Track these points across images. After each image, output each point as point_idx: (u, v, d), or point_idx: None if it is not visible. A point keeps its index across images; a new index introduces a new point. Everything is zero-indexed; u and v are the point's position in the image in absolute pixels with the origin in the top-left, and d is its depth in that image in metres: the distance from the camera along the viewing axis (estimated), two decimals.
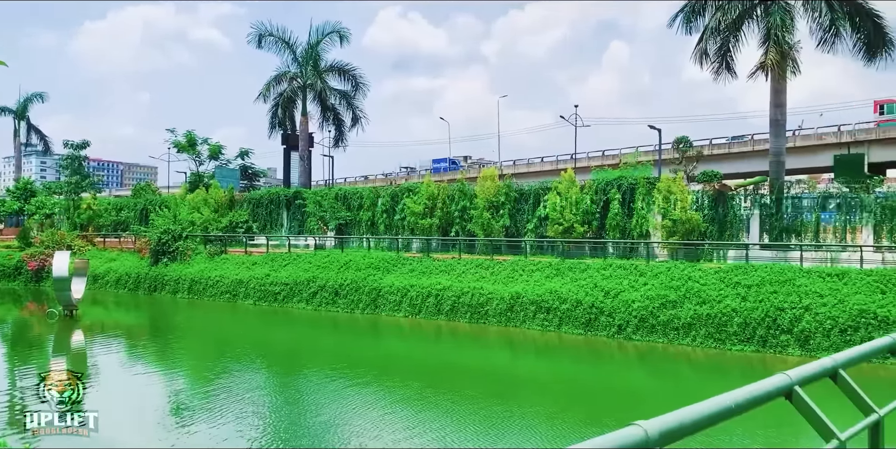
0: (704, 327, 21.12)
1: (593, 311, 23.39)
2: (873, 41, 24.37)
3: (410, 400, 15.53)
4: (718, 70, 26.36)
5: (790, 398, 2.65)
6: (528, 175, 56.07)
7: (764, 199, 25.63)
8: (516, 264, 27.53)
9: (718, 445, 11.32)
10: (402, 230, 34.84)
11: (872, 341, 3.89)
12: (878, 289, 19.86)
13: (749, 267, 22.60)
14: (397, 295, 28.24)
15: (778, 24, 23.77)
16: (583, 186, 29.45)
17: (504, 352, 22.73)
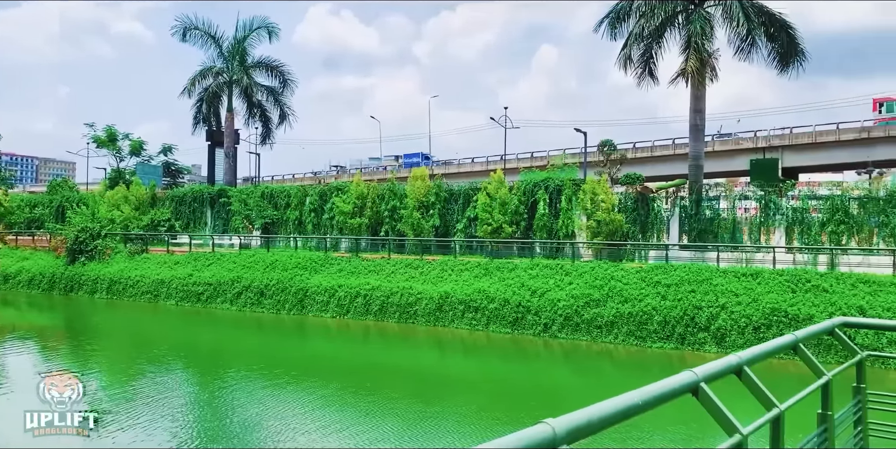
0: (626, 325, 21.68)
1: (520, 310, 23.69)
2: (787, 51, 25.53)
3: (329, 401, 15.38)
4: (642, 75, 27.11)
5: (696, 395, 2.72)
6: (459, 175, 56.35)
7: (683, 202, 26.50)
8: (446, 264, 27.63)
9: (628, 441, 11.61)
10: (331, 230, 34.50)
11: (776, 339, 4.05)
12: (788, 288, 20.78)
13: (669, 267, 23.33)
14: (325, 295, 27.94)
15: (698, 32, 24.65)
16: (511, 187, 29.81)
17: (431, 351, 22.77)
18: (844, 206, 23.52)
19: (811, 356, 4.10)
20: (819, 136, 47.79)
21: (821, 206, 24.17)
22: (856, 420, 4.81)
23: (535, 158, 54.85)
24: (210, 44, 44.30)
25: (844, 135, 46.81)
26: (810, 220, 24.26)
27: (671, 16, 26.31)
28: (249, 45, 44.65)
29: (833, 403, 4.31)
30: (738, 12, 24.53)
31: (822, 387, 4.16)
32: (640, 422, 11.93)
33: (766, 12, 25.41)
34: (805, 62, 25.83)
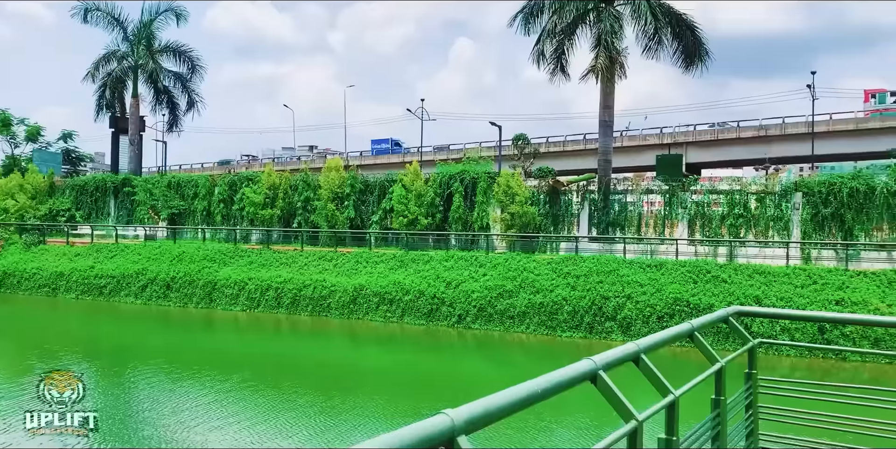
0: (538, 315, 22.14)
1: (435, 301, 23.81)
2: (691, 50, 26.54)
3: (226, 395, 14.95)
4: (554, 71, 27.64)
5: (595, 382, 2.77)
6: (375, 167, 55.99)
7: (593, 195, 27.22)
8: (360, 256, 27.45)
9: (529, 430, 11.84)
10: (241, 221, 33.66)
11: (673, 327, 4.20)
12: (690, 279, 21.71)
13: (578, 258, 23.94)
14: (234, 288, 27.27)
15: (608, 30, 25.31)
16: (428, 180, 29.86)
17: (343, 344, 22.63)
18: (743, 201, 24.69)
19: (706, 344, 4.26)
20: (720, 134, 50.05)
21: (721, 201, 25.29)
22: (747, 404, 5.05)
23: (452, 151, 55.14)
24: (114, 26, 42.33)
25: (744, 133, 49.20)
26: (711, 213, 25.35)
27: (583, 13, 26.90)
28: (156, 28, 42.92)
29: (726, 389, 4.51)
30: (646, 11, 25.33)
31: (716, 373, 4.34)
32: (543, 411, 12.19)
33: (673, 12, 26.34)
34: (708, 61, 26.95)
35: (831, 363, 18.46)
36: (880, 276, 20.05)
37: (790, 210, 23.70)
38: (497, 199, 27.46)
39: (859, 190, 22.46)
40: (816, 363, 18.56)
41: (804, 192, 23.45)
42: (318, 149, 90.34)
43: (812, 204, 23.19)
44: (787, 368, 18.00)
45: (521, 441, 11.38)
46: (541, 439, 11.60)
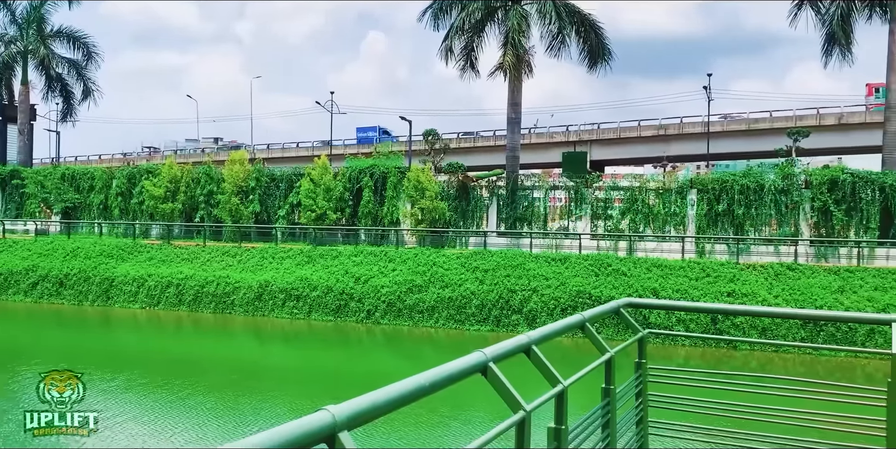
0: (447, 310, 22.30)
1: (343, 297, 23.61)
2: (595, 50, 27.31)
3: (105, 396, 14.23)
4: (464, 68, 27.87)
5: (486, 374, 2.81)
6: (284, 160, 54.90)
7: (501, 191, 27.62)
8: (266, 252, 26.89)
9: (422, 423, 11.87)
10: (141, 215, 32.35)
11: (565, 319, 4.29)
12: (593, 272, 22.37)
13: (487, 253, 24.27)
14: (133, 285, 26.19)
15: (515, 29, 25.70)
16: (336, 174, 29.53)
17: (245, 341, 22.14)
18: (642, 197, 25.61)
19: (596, 335, 4.38)
20: (623, 133, 51.75)
21: (622, 197, 26.16)
22: (637, 392, 5.22)
23: (363, 145, 54.74)
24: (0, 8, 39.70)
25: (645, 132, 51.04)
26: (613, 209, 26.18)
27: (491, 11, 27.21)
28: (47, 12, 40.52)
29: (616, 378, 4.66)
30: (551, 11, 25.88)
31: (606, 363, 4.47)
32: (438, 404, 12.27)
33: (578, 12, 27.00)
34: (611, 61, 27.81)
35: (723, 352, 19.43)
36: (768, 268, 21.25)
37: (686, 206, 24.76)
38: (407, 194, 27.46)
39: (749, 187, 23.70)
40: (709, 352, 19.50)
41: (699, 189, 24.55)
42: (223, 141, 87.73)
43: (706, 200, 24.31)
44: (683, 357, 18.83)
45: (413, 435, 11.39)
46: (434, 433, 11.62)
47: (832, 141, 45.07)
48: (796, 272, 20.86)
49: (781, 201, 23.44)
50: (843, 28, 24.53)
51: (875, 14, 25.11)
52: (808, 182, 23.22)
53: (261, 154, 56.51)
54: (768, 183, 23.54)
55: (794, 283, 20.42)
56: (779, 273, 20.96)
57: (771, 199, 23.48)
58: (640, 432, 5.25)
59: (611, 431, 4.49)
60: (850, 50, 25.22)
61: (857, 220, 22.68)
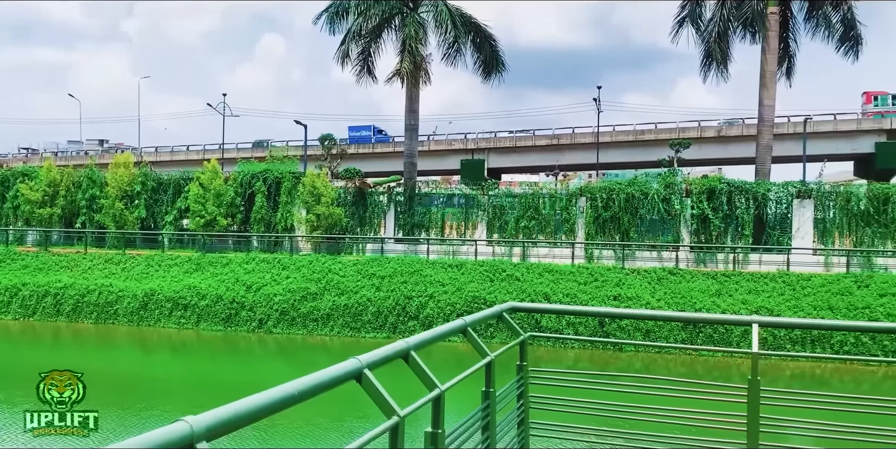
0: (342, 317, 22.07)
1: (234, 306, 22.95)
2: (490, 61, 27.84)
3: None
4: (361, 73, 27.72)
5: (360, 381, 2.79)
6: (173, 164, 52.87)
7: (399, 197, 27.63)
8: (152, 259, 25.80)
9: (296, 430, 11.64)
10: (15, 220, 30.31)
11: (447, 324, 4.33)
12: (488, 277, 22.72)
13: (384, 259, 24.20)
14: (5, 295, 24.54)
15: (412, 36, 25.83)
16: (228, 178, 28.72)
17: (126, 353, 21.12)
18: (535, 204, 26.23)
19: (477, 339, 4.43)
20: (518, 142, 52.99)
21: (516, 204, 26.69)
22: (519, 394, 5.32)
23: (258, 149, 53.51)
24: None
25: (539, 141, 52.45)
26: (507, 215, 26.67)
27: (388, 17, 27.23)
28: None
29: (501, 381, 4.73)
30: (448, 20, 26.18)
31: (486, 366, 4.53)
32: (305, 410, 12.01)
33: (474, 23, 27.44)
34: (505, 72, 28.40)
35: (610, 354, 20.14)
36: (651, 273, 22.22)
37: (576, 213, 25.56)
38: (302, 200, 27.01)
39: (635, 195, 24.73)
40: (597, 354, 20.17)
41: (588, 197, 25.40)
42: (109, 143, 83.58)
43: (594, 208, 25.17)
44: (572, 359, 19.41)
45: (286, 443, 11.12)
46: (306, 442, 11.37)
47: (712, 152, 47.80)
48: (677, 276, 21.92)
49: (664, 209, 24.58)
50: (720, 46, 26.08)
51: (749, 33, 26.86)
52: (688, 191, 24.47)
53: (148, 157, 54.27)
54: (652, 191, 24.63)
55: (675, 286, 21.44)
56: (661, 277, 21.95)
57: (654, 206, 24.58)
58: (522, 433, 5.35)
59: (490, 433, 4.55)
60: (726, 67, 26.83)
61: (732, 227, 24.09)
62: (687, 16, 27.03)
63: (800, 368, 18.56)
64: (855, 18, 26.09)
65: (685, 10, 27.07)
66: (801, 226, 23.50)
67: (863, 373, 18.27)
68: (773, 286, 20.85)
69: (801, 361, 18.83)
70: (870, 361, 18.27)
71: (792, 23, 27.28)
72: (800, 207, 23.62)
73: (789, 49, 27.43)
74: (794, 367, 18.67)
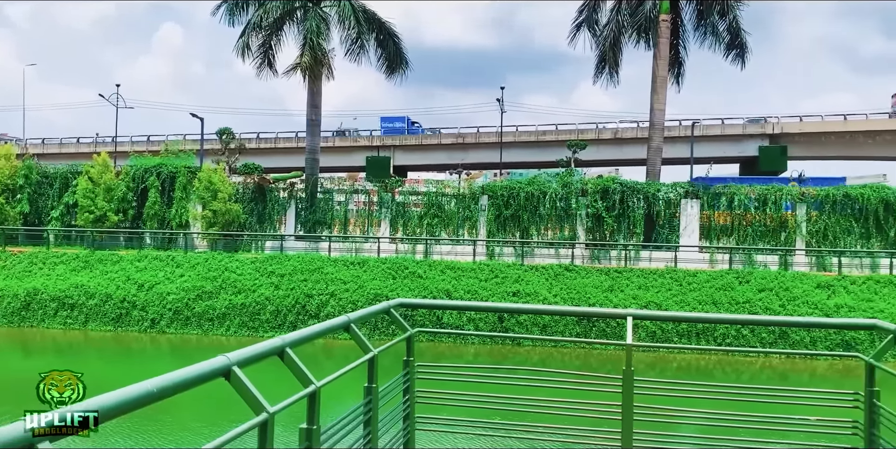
0: (239, 316, 21.58)
1: (125, 305, 22.05)
2: (393, 58, 27.83)
3: None
4: (261, 66, 27.11)
5: (228, 378, 2.76)
6: (62, 157, 50.13)
7: (299, 194, 27.23)
8: (36, 257, 24.40)
9: (158, 430, 11.33)
10: None
11: (329, 321, 4.33)
12: (390, 275, 22.73)
13: (283, 257, 23.80)
14: None
15: (314, 30, 25.48)
16: (119, 172, 27.52)
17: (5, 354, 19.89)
18: (439, 202, 26.45)
19: (360, 335, 4.45)
20: (425, 140, 53.27)
21: (421, 201, 26.84)
22: (405, 389, 5.37)
23: (153, 143, 51.45)
24: None
25: (445, 139, 52.93)
26: (411, 213, 26.78)
27: (289, 11, 26.77)
28: None
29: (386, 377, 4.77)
30: (350, 16, 25.99)
31: (369, 362, 4.56)
32: (170, 407, 11.71)
33: (377, 20, 27.36)
34: (409, 70, 28.46)
35: (508, 348, 20.57)
36: (548, 269, 22.83)
37: (478, 211, 25.94)
38: (198, 196, 26.18)
39: (534, 194, 25.33)
40: (496, 349, 20.55)
41: (490, 195, 25.83)
42: None
43: (496, 206, 25.62)
44: (472, 354, 19.70)
45: (152, 441, 10.80)
46: (171, 439, 11.05)
47: (609, 153, 49.56)
48: (573, 273, 22.61)
49: (561, 208, 25.30)
50: (614, 50, 27.08)
51: (642, 39, 27.99)
52: (584, 190, 25.27)
53: (34, 149, 51.33)
54: (550, 191, 25.29)
55: (570, 282, 22.12)
56: (558, 274, 22.59)
57: (552, 205, 25.26)
58: (407, 428, 5.40)
59: (373, 428, 4.58)
60: (617, 71, 27.88)
61: (625, 225, 25.07)
62: (584, 21, 27.90)
63: (686, 361, 19.55)
64: (740, 27, 27.62)
65: (583, 15, 27.94)
66: (688, 224, 24.71)
67: (743, 363, 19.42)
68: (662, 282, 21.84)
69: (687, 354, 19.83)
70: (744, 351, 19.42)
71: (682, 30, 28.60)
72: (687, 207, 24.82)
73: (679, 55, 28.75)
74: (681, 359, 19.65)
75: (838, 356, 18.39)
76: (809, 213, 24.46)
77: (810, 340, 19.26)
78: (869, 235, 23.91)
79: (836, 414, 5.15)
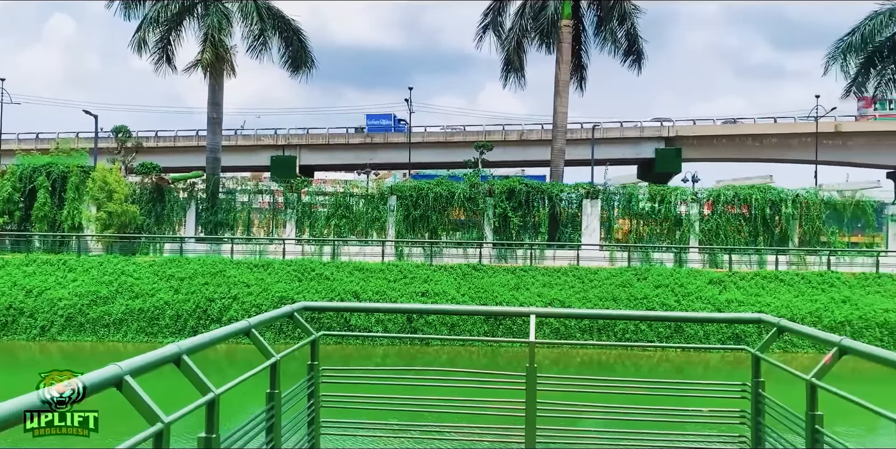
0: (137, 322, 20.74)
1: (11, 312, 20.81)
2: (299, 56, 27.38)
3: None
4: (159, 62, 26.11)
5: (121, 388, 2.65)
6: None
7: (200, 194, 26.39)
8: None
9: (42, 441, 10.90)
10: None
11: (228, 326, 4.23)
12: (296, 277, 22.35)
13: (183, 260, 23.02)
14: None
15: (215, 26, 24.74)
16: (4, 172, 25.88)
17: None
18: (346, 202, 26.22)
19: (262, 340, 4.36)
20: (332, 139, 52.68)
21: (328, 202, 26.52)
22: (309, 393, 5.30)
23: (42, 140, 48.61)
24: None
25: (353, 139, 52.52)
26: (318, 214, 26.42)
27: (189, 6, 25.91)
28: None
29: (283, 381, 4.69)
30: (253, 12, 25.43)
31: (271, 367, 4.48)
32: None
33: (282, 17, 26.86)
34: (315, 68, 28.10)
35: (417, 348, 20.63)
36: (457, 269, 23.04)
37: (387, 212, 25.88)
38: (92, 197, 24.92)
39: (442, 195, 25.50)
40: (405, 350, 20.58)
41: (398, 196, 25.82)
42: None
43: (405, 206, 25.64)
44: (380, 356, 19.65)
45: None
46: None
47: (515, 155, 50.50)
48: (480, 272, 22.91)
49: (469, 208, 25.58)
50: (519, 54, 27.65)
51: (545, 44, 28.68)
52: (491, 191, 25.64)
53: None
54: (458, 191, 25.52)
55: (478, 281, 22.40)
56: (466, 273, 22.83)
57: (460, 205, 25.51)
58: (312, 433, 5.34)
59: (275, 434, 4.50)
60: (523, 74, 28.50)
61: (530, 225, 25.61)
62: (490, 23, 28.35)
63: (588, 356, 20.14)
64: (638, 34, 28.75)
65: (488, 18, 28.38)
66: (589, 224, 25.48)
67: (641, 357, 20.20)
68: (566, 280, 22.45)
69: (589, 349, 20.45)
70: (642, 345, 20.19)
71: (584, 36, 29.50)
72: (588, 207, 25.60)
73: (581, 60, 29.64)
74: (584, 354, 20.23)
75: (729, 349, 19.40)
76: (702, 213, 25.69)
77: (704, 334, 20.24)
78: (756, 234, 25.34)
79: (726, 404, 5.43)
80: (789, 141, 50.68)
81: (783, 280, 22.54)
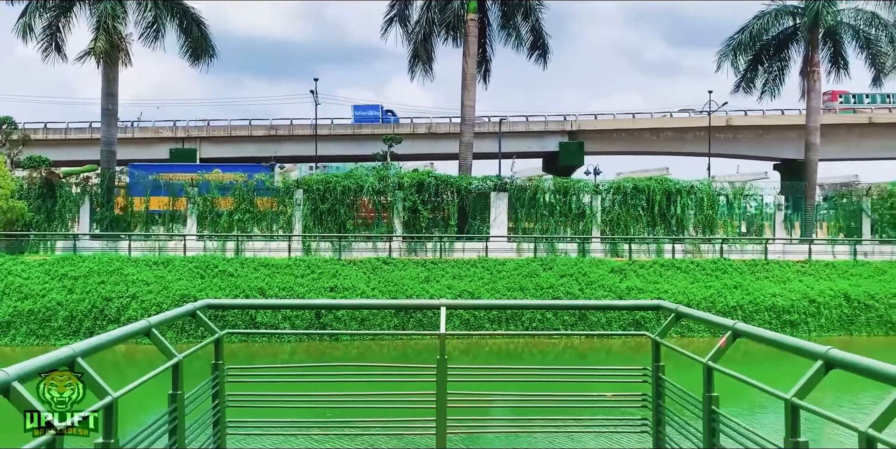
0: (27, 324, 19.61)
1: None
2: (198, 45, 26.40)
3: None
4: (47, 49, 24.60)
5: (8, 395, 2.58)
6: None
7: (95, 189, 25.15)
8: None
9: None
10: None
11: (127, 326, 4.08)
12: (198, 274, 21.64)
13: (77, 258, 21.89)
14: None
15: (108, 12, 23.50)
16: None
17: None
18: (250, 197, 25.55)
19: (163, 340, 4.22)
20: (234, 131, 51.26)
21: (229, 196, 25.72)
22: (214, 394, 5.16)
23: None
24: None
25: (256, 131, 51.28)
26: (220, 209, 25.61)
27: None
28: None
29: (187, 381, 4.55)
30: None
31: (173, 368, 4.34)
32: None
33: (179, 4, 25.81)
34: (216, 58, 27.18)
35: (326, 344, 20.40)
36: (366, 263, 22.90)
37: (293, 206, 25.40)
38: None
39: (351, 188, 25.25)
40: (314, 346, 20.33)
41: (305, 190, 25.39)
42: None
43: (312, 200, 25.24)
44: (288, 353, 19.33)
45: None
46: None
47: (424, 148, 50.65)
48: (390, 266, 22.86)
49: (378, 201, 25.46)
50: (426, 47, 27.68)
51: (451, 37, 28.82)
52: (400, 184, 25.59)
53: None
54: (367, 184, 25.33)
55: (388, 275, 22.34)
56: (376, 267, 22.73)
57: (370, 199, 25.35)
58: (217, 433, 5.21)
59: (178, 436, 4.38)
60: (431, 67, 28.56)
61: (440, 217, 25.74)
62: (396, 16, 28.23)
63: (497, 345, 20.47)
64: (542, 29, 29.29)
65: (394, 10, 28.25)
66: (497, 216, 25.85)
67: (548, 345, 20.71)
68: (475, 271, 22.71)
69: (498, 339, 20.78)
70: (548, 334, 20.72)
71: (490, 30, 29.83)
72: (496, 199, 25.96)
73: (487, 54, 29.97)
74: (493, 344, 20.54)
75: (630, 335, 20.15)
76: (603, 204, 26.51)
77: (606, 321, 20.96)
78: (654, 224, 26.39)
79: (629, 389, 5.65)
80: (684, 135, 53.05)
81: (679, 267, 23.59)
